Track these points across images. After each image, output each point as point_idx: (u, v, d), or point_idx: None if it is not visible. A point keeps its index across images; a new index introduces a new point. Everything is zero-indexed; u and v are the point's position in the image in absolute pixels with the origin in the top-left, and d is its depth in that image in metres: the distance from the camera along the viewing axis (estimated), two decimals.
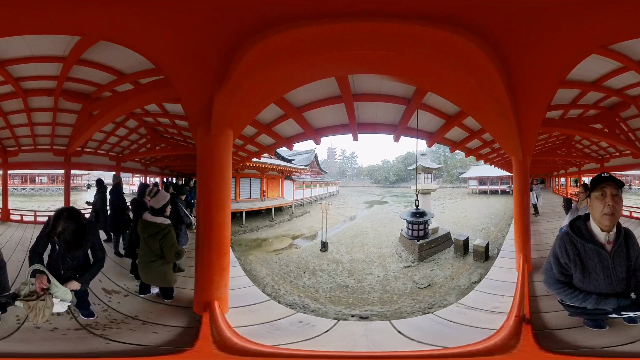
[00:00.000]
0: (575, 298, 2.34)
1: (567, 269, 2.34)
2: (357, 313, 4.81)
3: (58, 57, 3.20)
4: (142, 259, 3.35)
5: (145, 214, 3.37)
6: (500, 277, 4.06)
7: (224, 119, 2.79)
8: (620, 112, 4.56)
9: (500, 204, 11.17)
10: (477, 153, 6.29)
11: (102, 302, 3.13)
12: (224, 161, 2.92)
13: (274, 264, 7.39)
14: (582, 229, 2.33)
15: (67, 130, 4.58)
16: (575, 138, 6.14)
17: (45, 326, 2.67)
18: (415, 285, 6.30)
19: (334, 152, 20.15)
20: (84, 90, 3.89)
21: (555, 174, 9.25)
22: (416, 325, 3.09)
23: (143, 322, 2.87)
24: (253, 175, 9.95)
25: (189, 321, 2.82)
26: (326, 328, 3.01)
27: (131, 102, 3.70)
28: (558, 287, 2.40)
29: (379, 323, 3.31)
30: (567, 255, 2.31)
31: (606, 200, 2.24)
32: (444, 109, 4.58)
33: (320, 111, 4.34)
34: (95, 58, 3.27)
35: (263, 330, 2.92)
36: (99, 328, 2.74)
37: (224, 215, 2.98)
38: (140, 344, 2.54)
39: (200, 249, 2.97)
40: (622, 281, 2.29)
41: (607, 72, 3.67)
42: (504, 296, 3.42)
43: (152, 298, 3.38)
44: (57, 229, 2.61)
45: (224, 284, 2.99)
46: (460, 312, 3.30)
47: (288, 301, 5.39)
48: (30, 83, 3.68)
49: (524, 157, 3.74)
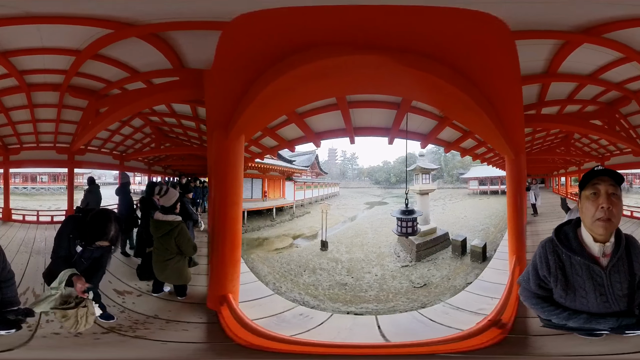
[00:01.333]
0: (558, 316, 1.85)
1: (547, 282, 1.86)
2: (353, 310, 4.95)
3: (72, 49, 3.04)
4: (157, 258, 3.38)
5: (156, 213, 3.43)
6: (493, 278, 4.12)
7: (241, 126, 3.08)
8: (620, 108, 4.35)
9: (500, 204, 11.16)
10: (472, 153, 6.27)
11: (117, 303, 3.12)
12: (237, 163, 3.24)
13: (275, 263, 7.49)
14: (570, 237, 1.78)
15: (71, 128, 4.47)
16: (575, 136, 5.97)
17: (63, 332, 2.55)
18: (411, 284, 6.41)
19: (335, 153, 20.23)
20: (92, 87, 3.73)
21: (555, 174, 9.23)
22: (397, 322, 3.23)
23: (167, 320, 2.95)
24: (255, 176, 10.04)
25: (208, 317, 2.99)
26: (322, 320, 3.27)
27: (142, 101, 3.73)
28: (534, 303, 1.93)
29: (366, 318, 3.50)
30: (547, 267, 1.81)
31: (600, 201, 1.65)
32: (435, 111, 4.63)
33: (320, 117, 4.61)
34: (112, 54, 3.17)
35: (271, 322, 3.16)
36: (127, 330, 2.76)
37: (237, 211, 3.26)
38: (180, 341, 2.67)
39: (215, 244, 3.15)
40: (622, 299, 1.76)
41: (605, 63, 3.42)
42: (493, 298, 3.45)
43: (165, 296, 3.45)
44: (111, 234, 2.43)
45: (236, 276, 3.21)
46: (444, 312, 3.39)
47: (289, 298, 5.51)
48: (36, 77, 3.49)
49: (516, 156, 3.73)
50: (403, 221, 4.31)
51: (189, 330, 2.83)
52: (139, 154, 5.79)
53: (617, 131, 4.56)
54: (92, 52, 3.09)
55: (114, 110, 3.86)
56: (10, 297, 2.35)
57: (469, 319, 3.14)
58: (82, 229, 2.45)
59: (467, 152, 6.21)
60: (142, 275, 3.56)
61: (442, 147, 5.97)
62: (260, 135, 5.26)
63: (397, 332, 2.99)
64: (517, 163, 3.81)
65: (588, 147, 6.23)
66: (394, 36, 2.71)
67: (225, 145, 3.13)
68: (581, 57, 3.31)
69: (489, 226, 9.64)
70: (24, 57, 3.16)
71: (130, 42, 3.01)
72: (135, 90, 3.68)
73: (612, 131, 4.55)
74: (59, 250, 2.52)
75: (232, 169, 3.20)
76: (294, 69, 2.77)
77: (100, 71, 3.47)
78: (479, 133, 3.95)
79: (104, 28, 2.82)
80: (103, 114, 3.95)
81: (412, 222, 4.32)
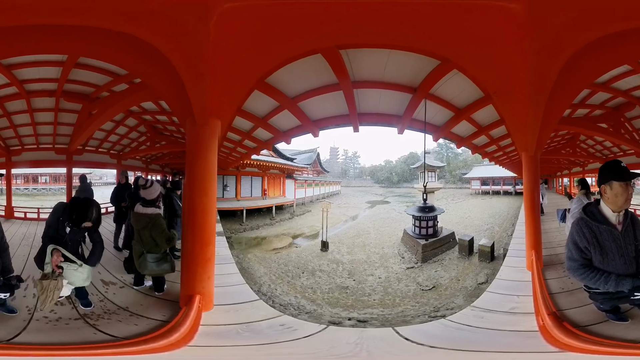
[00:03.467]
0: (598, 281, 2.42)
1: (587, 252, 2.47)
2: (355, 316, 4.61)
3: (58, 61, 3.47)
4: (136, 250, 3.38)
5: (137, 206, 3.38)
6: (511, 276, 3.93)
7: (205, 107, 2.76)
8: (625, 112, 4.63)
9: (503, 204, 11.08)
10: (482, 150, 6.14)
11: (100, 292, 3.24)
12: (208, 149, 2.92)
13: (273, 263, 7.35)
14: (595, 212, 2.51)
15: (68, 130, 4.69)
16: (580, 138, 6.16)
17: (51, 316, 2.77)
18: (418, 287, 6.13)
19: (337, 151, 20.12)
20: (84, 91, 4.07)
21: (559, 174, 9.22)
22: (424, 332, 2.83)
23: (131, 313, 2.94)
24: (254, 174, 9.95)
25: (171, 316, 2.83)
26: (308, 333, 2.79)
27: (127, 100, 3.86)
28: (581, 272, 2.48)
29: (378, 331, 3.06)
30: (585, 238, 2.44)
31: (630, 190, 2.46)
32: (454, 101, 4.27)
33: (317, 101, 4.09)
34: (90, 62, 3.49)
35: (233, 331, 2.76)
36: (94, 318, 2.82)
37: (207, 202, 2.93)
38: (121, 336, 2.56)
39: (185, 239, 2.95)
40: (633, 260, 2.42)
41: (618, 74, 3.71)
42: (519, 296, 3.30)
43: (145, 290, 3.43)
44: (92, 216, 2.81)
45: (207, 276, 2.93)
46: (478, 316, 3.09)
47: (283, 302, 5.30)
48: (33, 85, 3.90)
49: (535, 153, 3.64)
50: (422, 220, 3.64)
51: (138, 325, 2.71)
52: (136, 152, 5.78)
53: (622, 133, 4.80)
54: (72, 63, 3.43)
55: (104, 111, 4.07)
56: (7, 265, 2.79)
57: (507, 319, 2.95)
58: (70, 214, 2.83)
59: (477, 149, 6.04)
60: (129, 269, 3.55)
61: (454, 142, 5.71)
62: (252, 127, 5.00)
63: (437, 342, 2.56)
64: (535, 160, 3.76)
65: (593, 148, 6.37)
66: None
67: (194, 133, 2.86)
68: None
69: (493, 225, 9.52)
70: (23, 69, 3.60)
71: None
72: (120, 92, 3.85)
73: (618, 133, 4.76)
74: (49, 231, 2.87)
75: (202, 157, 2.89)
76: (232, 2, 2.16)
77: (88, 77, 3.81)
78: (509, 123, 3.62)
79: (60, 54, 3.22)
80: (95, 115, 4.18)
81: (432, 221, 3.67)
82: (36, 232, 4.43)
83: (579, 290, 3.16)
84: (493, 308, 3.18)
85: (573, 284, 3.39)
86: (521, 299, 3.23)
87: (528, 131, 3.38)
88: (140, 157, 6.22)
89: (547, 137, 3.66)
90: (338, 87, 3.78)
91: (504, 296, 3.41)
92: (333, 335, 2.78)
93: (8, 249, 2.84)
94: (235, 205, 9.16)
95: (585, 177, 7.91)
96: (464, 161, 14.78)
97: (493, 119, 4.57)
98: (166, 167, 6.95)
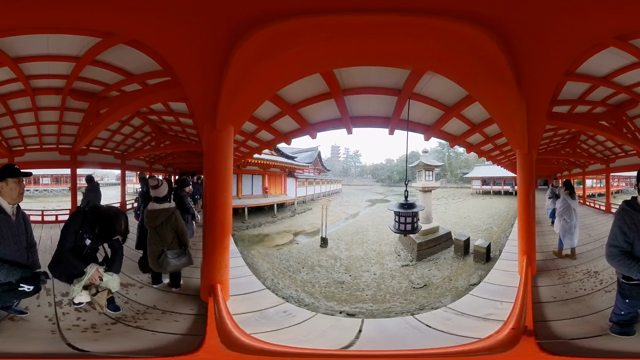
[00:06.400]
0: (632, 269, 2.55)
1: (629, 238, 2.62)
2: (347, 310, 4.78)
3: (72, 56, 3.29)
4: (152, 249, 3.47)
5: (150, 204, 3.51)
6: (501, 280, 3.76)
7: (226, 116, 3.10)
8: (627, 111, 4.43)
9: (503, 204, 11.08)
10: (478, 149, 6.09)
11: (122, 295, 3.26)
12: (226, 153, 3.28)
13: (275, 259, 7.52)
14: (634, 204, 2.72)
15: (73, 129, 4.64)
16: (581, 138, 5.94)
17: (81, 323, 2.79)
18: (410, 284, 6.23)
19: (338, 150, 20.20)
20: (92, 90, 3.94)
21: (559, 175, 9.08)
22: (385, 327, 2.92)
23: (163, 311, 3.06)
24: (255, 172, 10.09)
25: (198, 309, 3.07)
26: (303, 319, 3.20)
27: (139, 101, 3.89)
28: (620, 259, 2.59)
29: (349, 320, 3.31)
30: (627, 225, 2.63)
31: None
32: (442, 99, 4.31)
33: (314, 107, 4.44)
34: (107, 59, 3.40)
35: (252, 318, 3.08)
36: (131, 320, 2.89)
37: (226, 197, 3.32)
38: (170, 332, 2.74)
39: (206, 231, 3.23)
40: None
41: (619, 67, 3.52)
42: (503, 302, 3.13)
43: (164, 288, 3.56)
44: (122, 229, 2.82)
45: (224, 264, 3.21)
46: (446, 317, 3.02)
47: (285, 294, 5.48)
48: (40, 81, 3.72)
49: (530, 150, 3.58)
50: (402, 216, 3.57)
51: (179, 321, 2.89)
52: (140, 152, 5.88)
53: (623, 132, 4.59)
54: (90, 58, 3.30)
55: (114, 111, 4.02)
56: (36, 261, 2.79)
57: (475, 326, 2.80)
58: (93, 226, 2.76)
59: (473, 148, 6.00)
60: (144, 268, 3.65)
61: (447, 142, 5.68)
62: (256, 129, 5.23)
63: (381, 339, 2.69)
64: (529, 159, 3.66)
65: (594, 148, 6.17)
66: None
67: (213, 137, 3.18)
68: (600, 60, 3.24)
69: (492, 226, 9.52)
70: (31, 63, 3.39)
71: (120, 48, 3.11)
72: (132, 92, 3.83)
73: (619, 132, 4.57)
74: (65, 244, 2.77)
75: (221, 159, 3.25)
76: (264, 29, 2.49)
77: (99, 75, 3.67)
78: (499, 121, 3.66)
79: (95, 37, 2.99)
80: (103, 115, 4.11)
81: (412, 218, 3.55)
82: (40, 235, 4.40)
83: (573, 300, 3.10)
84: (467, 312, 3.09)
85: (567, 292, 3.29)
86: (504, 306, 3.04)
87: (515, 122, 3.31)
88: (144, 157, 6.33)
89: (540, 133, 3.55)
90: (330, 95, 4.14)
91: (486, 301, 3.32)
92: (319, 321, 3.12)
93: (36, 245, 2.84)
94: (237, 203, 9.34)
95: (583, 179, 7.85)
96: (465, 161, 14.78)
97: (485, 116, 4.60)
98: (169, 166, 7.10)
